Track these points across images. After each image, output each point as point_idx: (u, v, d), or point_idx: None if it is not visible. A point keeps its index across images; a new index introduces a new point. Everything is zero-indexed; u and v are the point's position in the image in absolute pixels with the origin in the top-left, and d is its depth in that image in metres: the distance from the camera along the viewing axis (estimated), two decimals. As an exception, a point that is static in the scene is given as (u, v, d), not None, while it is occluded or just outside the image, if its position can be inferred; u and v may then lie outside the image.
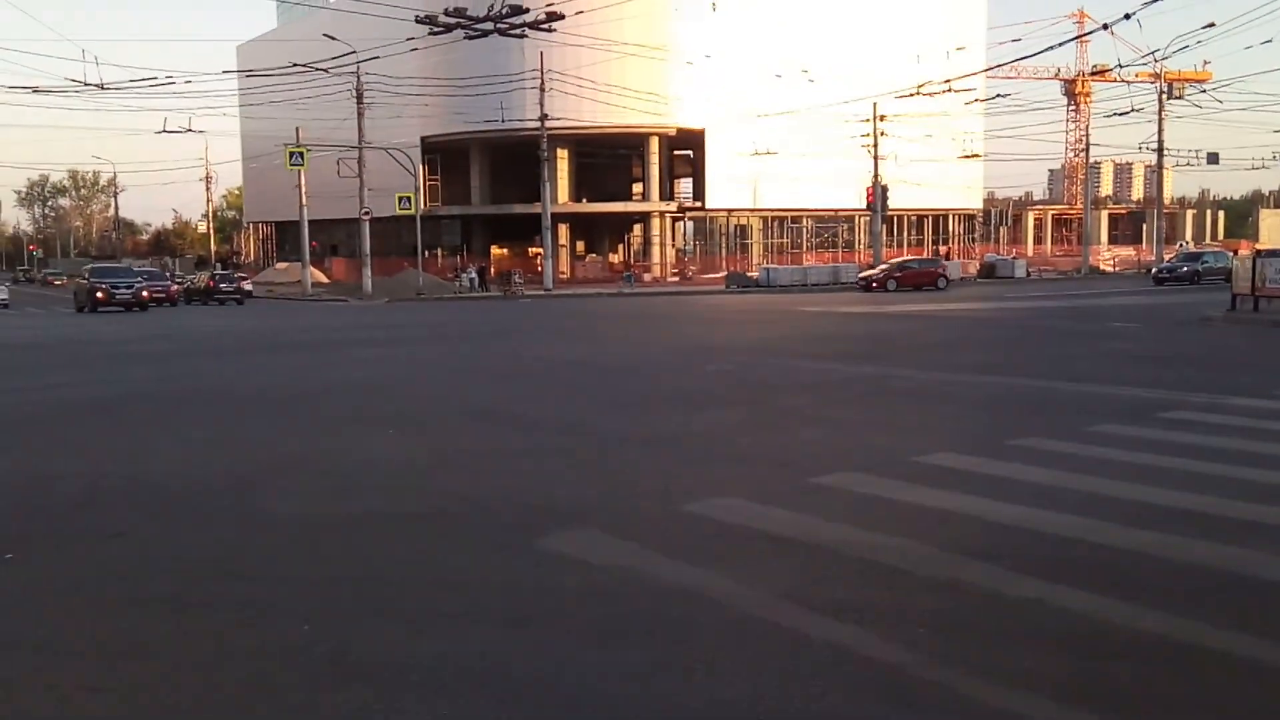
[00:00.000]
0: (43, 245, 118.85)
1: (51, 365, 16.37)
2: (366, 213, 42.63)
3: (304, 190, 44.63)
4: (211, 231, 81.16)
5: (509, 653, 3.90)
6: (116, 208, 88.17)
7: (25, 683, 3.75)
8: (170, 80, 35.20)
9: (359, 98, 42.28)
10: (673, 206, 58.82)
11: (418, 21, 24.15)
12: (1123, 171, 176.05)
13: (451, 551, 5.29)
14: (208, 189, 75.95)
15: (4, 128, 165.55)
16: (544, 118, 42.91)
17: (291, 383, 13.22)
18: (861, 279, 42.56)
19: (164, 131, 48.28)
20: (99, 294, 33.53)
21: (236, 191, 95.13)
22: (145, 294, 34.88)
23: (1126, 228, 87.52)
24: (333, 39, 35.67)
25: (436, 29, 23.94)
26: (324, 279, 56.51)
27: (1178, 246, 61.62)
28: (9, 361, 17.29)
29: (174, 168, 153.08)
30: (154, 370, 15.02)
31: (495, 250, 58.58)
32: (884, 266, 44.28)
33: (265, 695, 3.59)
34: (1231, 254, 36.43)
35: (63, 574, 5.02)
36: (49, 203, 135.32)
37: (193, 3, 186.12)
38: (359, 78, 41.12)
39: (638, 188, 61.39)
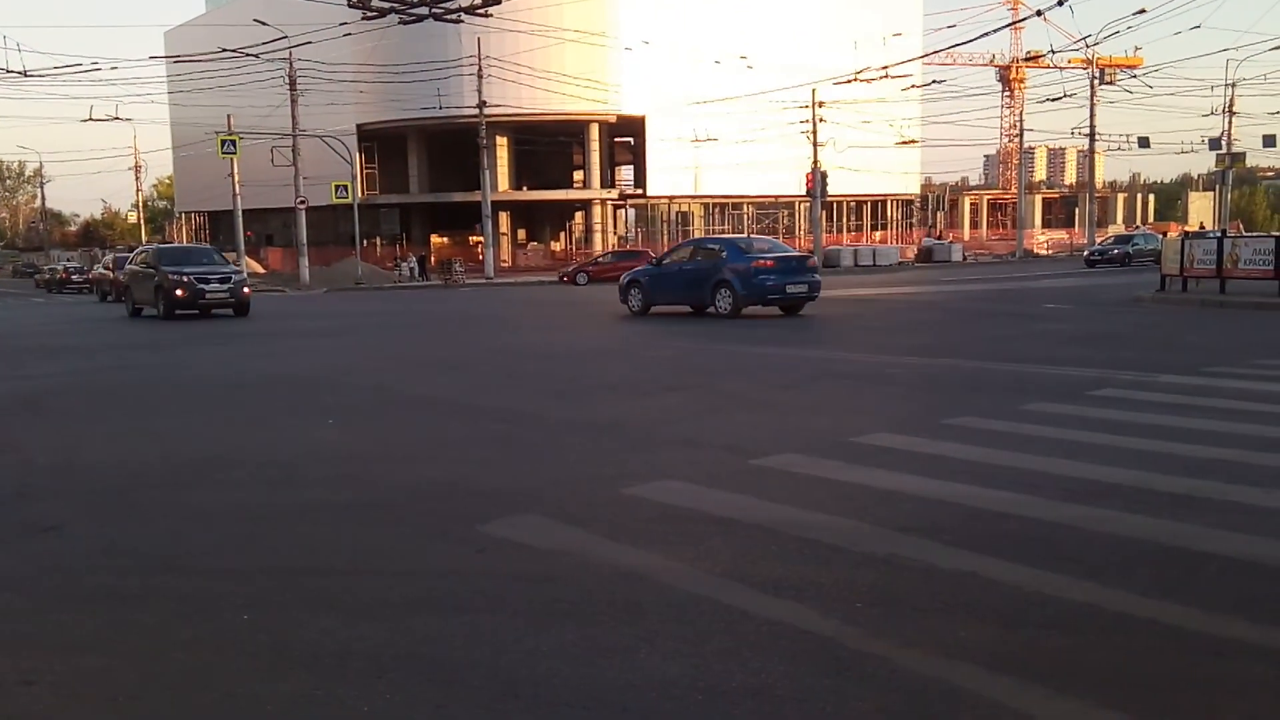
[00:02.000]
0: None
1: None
2: (302, 202, 42.02)
3: (237, 179, 43.86)
4: (142, 221, 79.50)
5: (450, 638, 3.91)
6: (43, 198, 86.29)
7: (-44, 680, 3.68)
8: (96, 67, 34.36)
9: (292, 84, 41.57)
10: (614, 194, 58.82)
11: (350, 5, 23.74)
12: (1056, 156, 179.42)
13: (393, 540, 5.27)
14: (137, 178, 74.47)
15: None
16: (482, 104, 42.62)
17: (228, 374, 13.02)
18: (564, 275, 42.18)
19: (90, 120, 47.26)
20: (179, 292, 23.07)
21: (167, 181, 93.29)
22: (246, 290, 24.28)
23: (1060, 212, 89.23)
24: (263, 24, 35.08)
25: (370, 14, 23.60)
26: (260, 269, 55.60)
27: (1114, 228, 62.97)
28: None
29: (102, 157, 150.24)
30: (82, 362, 14.71)
31: (435, 239, 58.13)
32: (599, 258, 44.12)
33: (205, 685, 3.56)
34: (1161, 236, 37.29)
35: (-7, 570, 4.92)
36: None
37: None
38: (291, 64, 40.44)
39: (579, 175, 61.27)
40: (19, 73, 32.52)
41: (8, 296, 44.19)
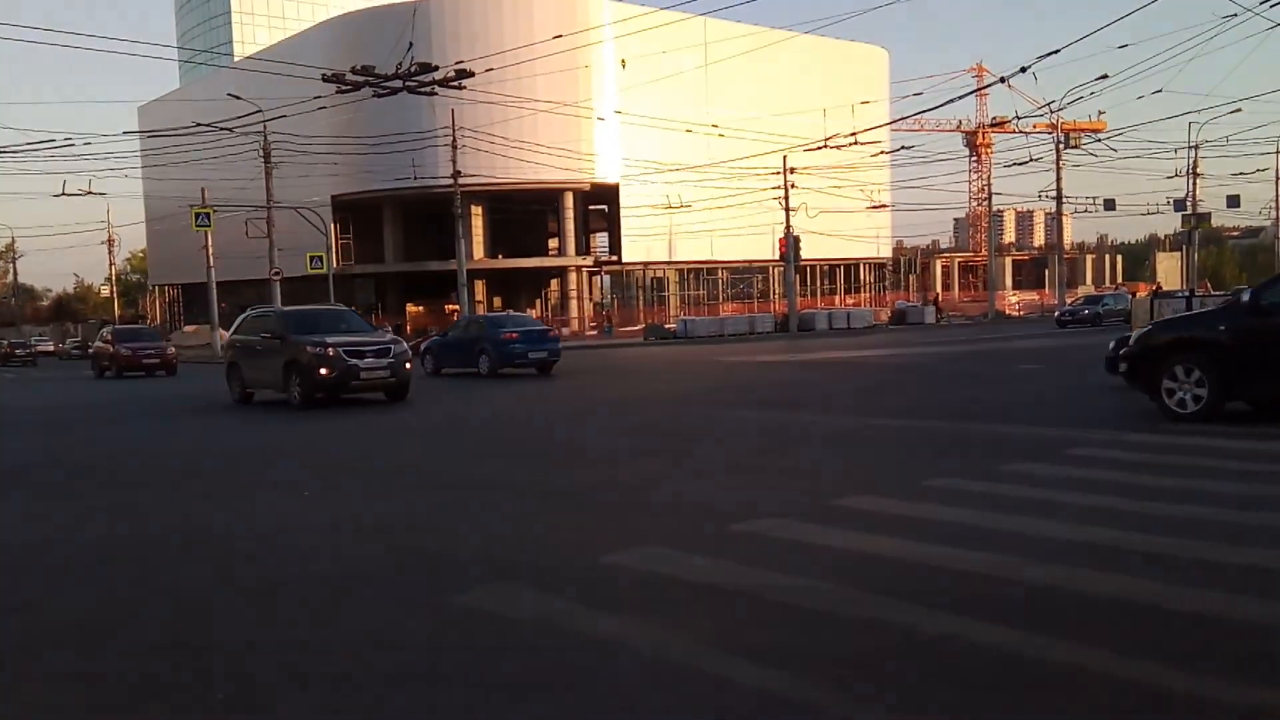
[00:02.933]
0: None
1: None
2: (277, 273, 42.01)
3: (210, 251, 43.88)
4: (115, 295, 79.11)
5: (432, 711, 3.84)
6: (15, 273, 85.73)
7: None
8: (69, 142, 35.38)
9: (266, 157, 41.84)
10: (589, 261, 59.20)
11: (325, 80, 24.04)
12: (1025, 219, 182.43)
13: (371, 612, 5.20)
14: (110, 252, 74.13)
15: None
16: (456, 175, 42.95)
17: (207, 447, 12.89)
18: None
19: (63, 195, 47.35)
20: (322, 371, 17.14)
21: (141, 254, 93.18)
22: (408, 365, 18.29)
23: (1030, 273, 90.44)
24: (238, 98, 35.37)
25: (344, 87, 23.87)
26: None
27: (1084, 288, 63.82)
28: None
29: (75, 231, 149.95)
30: (56, 437, 14.53)
31: (411, 308, 58.20)
32: None
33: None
34: (1130, 296, 37.80)
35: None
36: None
37: (91, 64, 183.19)
38: (266, 137, 40.76)
39: (554, 242, 61.70)
40: (-9, 148, 32.50)
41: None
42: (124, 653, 4.73)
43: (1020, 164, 53.97)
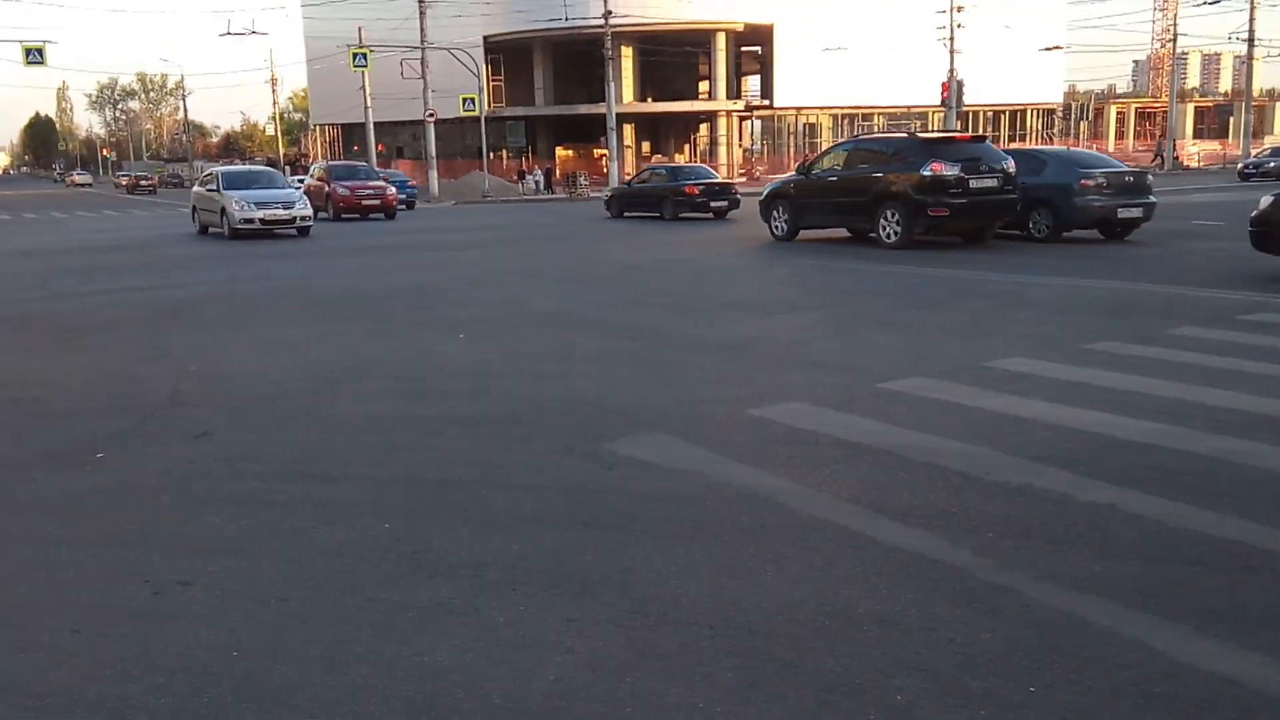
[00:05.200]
0: (115, 148, 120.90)
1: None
2: (431, 114, 42.46)
3: (368, 92, 44.53)
4: (279, 133, 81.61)
5: (580, 554, 3.99)
6: (185, 110, 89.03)
7: (121, 575, 3.93)
8: None
9: (420, -6, 41.79)
10: (740, 105, 57.78)
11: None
12: (1210, 63, 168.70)
13: (523, 454, 5.39)
14: (273, 91, 76.10)
15: (67, 29, 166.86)
16: (608, 14, 42.05)
17: (364, 286, 13.39)
18: None
19: (228, 34, 48.40)
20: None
21: (302, 94, 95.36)
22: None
23: (1212, 122, 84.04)
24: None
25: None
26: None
27: (1271, 139, 59.21)
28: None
29: (240, 70, 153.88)
30: (227, 272, 15.29)
31: (560, 152, 58.22)
32: None
33: (348, 590, 3.73)
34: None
35: (152, 472, 5.22)
36: (119, 106, 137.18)
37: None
38: (421, -28, 40.59)
39: (704, 86, 60.30)
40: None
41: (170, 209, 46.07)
42: (297, 484, 5.06)
43: (1210, 2, 49.54)
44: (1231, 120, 73.93)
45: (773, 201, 18.45)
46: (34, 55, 33.99)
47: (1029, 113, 67.81)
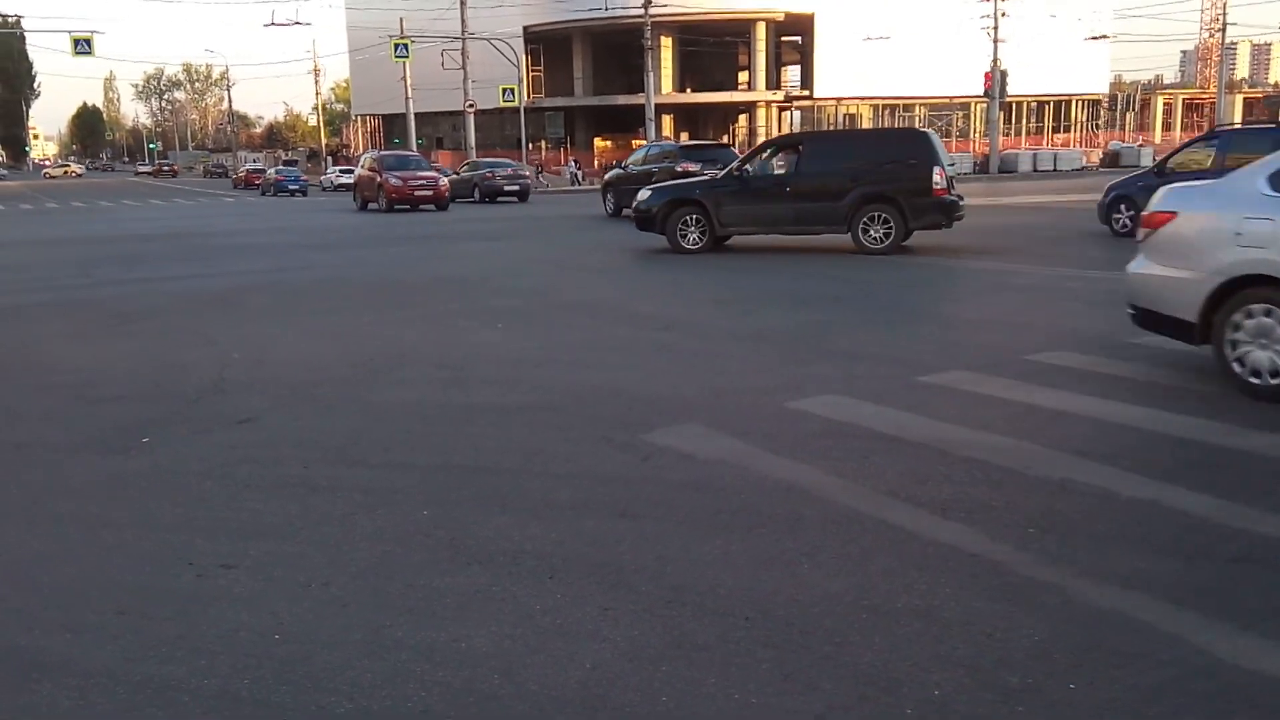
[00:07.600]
0: (161, 138, 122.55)
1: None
2: (471, 105, 42.68)
3: (409, 82, 44.77)
4: (321, 124, 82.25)
5: (616, 543, 4.01)
6: (230, 100, 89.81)
7: (166, 558, 4.00)
8: None
9: (461, -15, 41.96)
10: (779, 95, 57.45)
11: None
12: (1260, 53, 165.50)
13: (560, 443, 5.41)
14: (316, 82, 76.59)
15: (117, 21, 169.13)
16: (647, 4, 42.01)
17: (401, 275, 13.49)
18: None
19: (272, 24, 48.82)
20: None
21: (344, 84, 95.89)
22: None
23: (1263, 112, 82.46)
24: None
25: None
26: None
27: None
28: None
29: (284, 61, 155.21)
30: (271, 261, 15.47)
31: (599, 142, 58.19)
32: None
33: (389, 576, 3.77)
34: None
35: (196, 457, 5.29)
36: (165, 96, 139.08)
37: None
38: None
39: (744, 76, 60.04)
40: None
41: (215, 197, 46.60)
42: (339, 470, 5.11)
43: (1265, -11, 48.59)
44: (1281, 111, 72.53)
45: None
46: (82, 45, 34.52)
47: (1074, 103, 66.85)
